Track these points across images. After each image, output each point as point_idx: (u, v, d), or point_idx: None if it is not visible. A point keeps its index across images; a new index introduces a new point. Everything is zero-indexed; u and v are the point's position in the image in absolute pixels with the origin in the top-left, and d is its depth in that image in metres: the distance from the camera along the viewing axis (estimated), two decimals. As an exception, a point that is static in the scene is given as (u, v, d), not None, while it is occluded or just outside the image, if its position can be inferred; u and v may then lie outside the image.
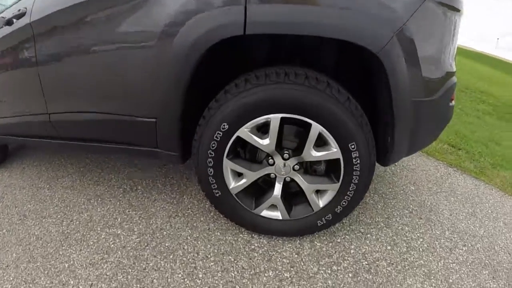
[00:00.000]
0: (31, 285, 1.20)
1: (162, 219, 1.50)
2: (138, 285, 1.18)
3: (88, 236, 1.41)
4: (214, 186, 1.29)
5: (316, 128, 1.13)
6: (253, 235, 1.42)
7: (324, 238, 1.44)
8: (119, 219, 1.50)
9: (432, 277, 1.29)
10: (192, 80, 1.14)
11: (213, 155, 1.22)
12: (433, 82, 1.16)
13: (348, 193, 1.24)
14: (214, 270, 1.25)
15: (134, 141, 1.37)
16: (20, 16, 1.42)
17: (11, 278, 1.23)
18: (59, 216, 1.55)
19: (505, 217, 1.79)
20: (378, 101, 1.23)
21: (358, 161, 1.17)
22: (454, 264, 1.38)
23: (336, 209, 1.29)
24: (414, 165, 2.24)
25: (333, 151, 1.17)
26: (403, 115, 1.12)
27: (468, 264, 1.39)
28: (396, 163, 2.20)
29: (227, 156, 1.23)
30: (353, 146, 1.14)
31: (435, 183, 2.06)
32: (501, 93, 6.34)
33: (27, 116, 1.58)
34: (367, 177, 1.22)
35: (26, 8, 1.41)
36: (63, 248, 1.36)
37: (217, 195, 1.32)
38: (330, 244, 1.41)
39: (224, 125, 1.16)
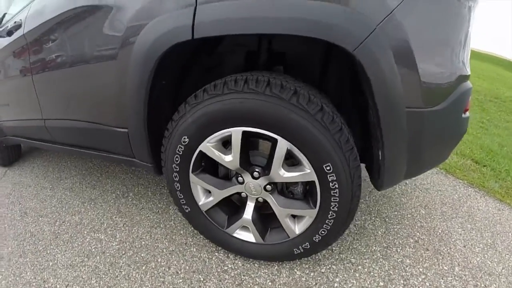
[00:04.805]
0: (17, 279, 1.27)
1: (144, 229, 1.48)
2: (106, 294, 1.17)
3: (75, 238, 1.46)
4: (183, 201, 1.22)
5: (283, 144, 0.97)
6: (229, 255, 1.32)
7: (307, 266, 1.27)
8: (105, 224, 1.52)
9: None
10: (153, 89, 1.06)
11: (178, 169, 1.14)
12: (437, 87, 0.90)
13: (327, 222, 1.06)
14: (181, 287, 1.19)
15: (113, 149, 1.36)
16: (17, 27, 1.51)
17: (3, 270, 1.32)
18: (54, 216, 1.63)
19: (532, 251, 1.45)
20: (367, 112, 1.01)
21: (336, 186, 0.98)
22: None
23: (314, 238, 1.11)
24: (428, 184, 1.90)
25: (306, 172, 0.99)
26: (394, 129, 0.89)
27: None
28: (406, 182, 1.88)
29: (193, 171, 1.13)
30: (328, 168, 0.96)
31: (451, 206, 1.72)
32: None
33: (29, 120, 1.69)
34: (350, 204, 1.02)
35: (21, 19, 1.49)
36: (51, 247, 1.42)
37: (187, 211, 1.24)
38: (312, 274, 1.24)
39: (184, 139, 1.06)
